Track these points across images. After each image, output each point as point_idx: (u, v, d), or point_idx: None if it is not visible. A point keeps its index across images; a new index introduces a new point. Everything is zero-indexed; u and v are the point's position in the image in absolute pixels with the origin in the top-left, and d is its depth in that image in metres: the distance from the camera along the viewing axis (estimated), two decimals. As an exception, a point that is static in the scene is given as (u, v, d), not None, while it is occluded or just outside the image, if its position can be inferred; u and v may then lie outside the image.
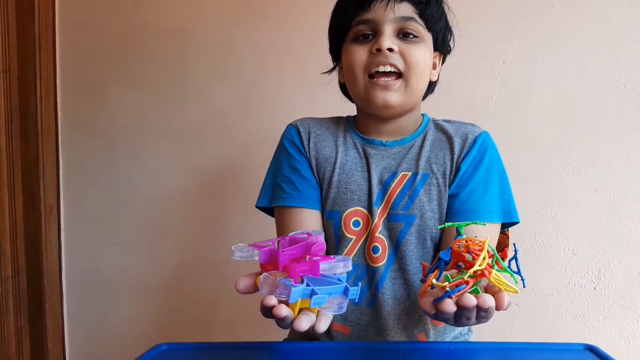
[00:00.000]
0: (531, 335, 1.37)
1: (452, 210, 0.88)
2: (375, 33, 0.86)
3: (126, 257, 1.56)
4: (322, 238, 0.67)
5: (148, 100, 1.53)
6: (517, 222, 0.91)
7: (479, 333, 1.02)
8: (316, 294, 0.56)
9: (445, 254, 0.65)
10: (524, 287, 0.63)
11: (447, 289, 0.58)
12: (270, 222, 0.98)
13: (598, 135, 1.32)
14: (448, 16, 0.93)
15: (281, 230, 0.92)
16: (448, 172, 0.89)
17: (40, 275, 1.54)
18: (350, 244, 0.89)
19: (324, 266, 0.60)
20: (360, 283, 0.74)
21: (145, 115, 1.53)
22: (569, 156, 1.33)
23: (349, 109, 1.00)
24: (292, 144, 0.94)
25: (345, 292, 0.59)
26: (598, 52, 1.31)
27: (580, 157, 1.33)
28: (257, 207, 0.97)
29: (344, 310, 0.58)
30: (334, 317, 0.63)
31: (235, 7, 1.46)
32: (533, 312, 1.37)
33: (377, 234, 0.88)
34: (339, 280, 0.60)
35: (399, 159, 0.91)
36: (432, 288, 0.63)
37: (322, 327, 0.58)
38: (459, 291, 0.58)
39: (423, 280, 0.66)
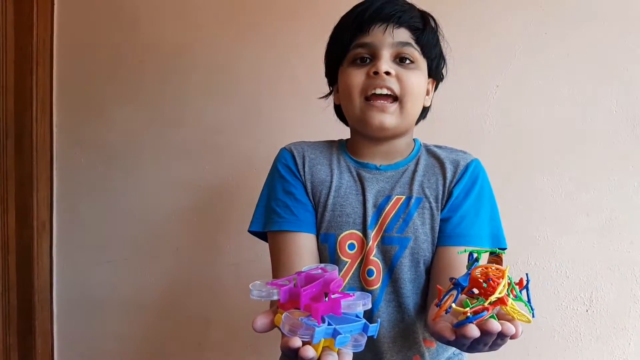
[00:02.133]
0: (523, 358, 1.36)
1: (444, 234, 0.89)
2: (373, 57, 0.87)
3: (118, 275, 1.55)
4: (337, 273, 0.66)
5: (143, 117, 1.53)
6: (505, 249, 0.92)
7: (471, 355, 1.02)
8: (339, 333, 0.55)
9: (464, 280, 0.64)
10: (533, 317, 0.64)
11: (469, 314, 0.59)
12: (263, 242, 0.98)
13: (590, 159, 1.33)
14: (442, 44, 0.94)
15: (277, 254, 0.91)
16: (440, 196, 0.90)
17: (31, 293, 1.53)
18: (346, 267, 0.89)
19: (344, 304, 0.59)
20: (379, 319, 0.74)
21: (140, 132, 1.53)
22: (561, 180, 1.34)
23: (345, 130, 1.01)
24: (287, 168, 0.94)
25: (365, 329, 0.58)
26: (589, 78, 1.33)
27: (572, 180, 1.34)
28: (249, 231, 0.96)
29: (362, 347, 0.58)
30: None
31: (231, 26, 1.47)
32: (525, 335, 1.35)
33: (371, 257, 0.88)
34: (357, 316, 0.60)
35: (393, 183, 0.92)
36: (445, 313, 0.62)
37: None
38: (480, 317, 0.58)
39: (438, 305, 0.66)
